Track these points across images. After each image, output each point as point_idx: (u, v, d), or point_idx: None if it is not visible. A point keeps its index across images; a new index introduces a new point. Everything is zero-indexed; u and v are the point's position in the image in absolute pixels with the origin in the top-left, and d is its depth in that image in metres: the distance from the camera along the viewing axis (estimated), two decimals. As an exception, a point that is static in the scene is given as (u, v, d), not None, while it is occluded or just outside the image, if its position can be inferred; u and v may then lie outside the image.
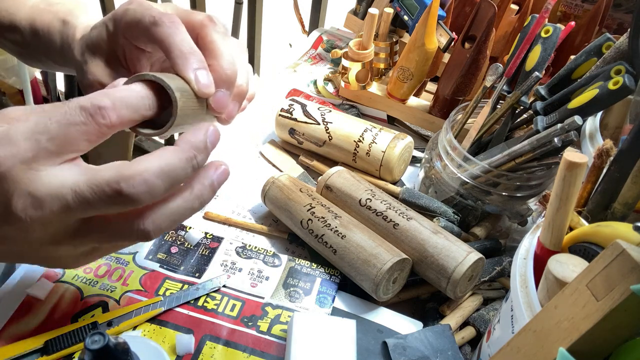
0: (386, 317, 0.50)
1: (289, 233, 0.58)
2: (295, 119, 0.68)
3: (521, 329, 0.32)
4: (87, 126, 0.29)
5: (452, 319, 0.50)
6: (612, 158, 0.39)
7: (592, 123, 0.50)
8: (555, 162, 0.53)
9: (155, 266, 0.52)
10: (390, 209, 0.54)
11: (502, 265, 0.54)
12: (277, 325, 0.48)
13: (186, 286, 0.50)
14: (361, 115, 0.78)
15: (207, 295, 0.50)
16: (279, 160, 0.70)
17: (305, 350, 0.43)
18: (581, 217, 0.38)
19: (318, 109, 0.68)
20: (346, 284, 0.53)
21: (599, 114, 0.52)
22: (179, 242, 0.54)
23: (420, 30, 0.67)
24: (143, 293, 0.49)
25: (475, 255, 0.49)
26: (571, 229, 0.38)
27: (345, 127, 0.65)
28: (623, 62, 0.47)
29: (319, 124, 0.66)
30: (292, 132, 0.68)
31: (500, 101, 0.58)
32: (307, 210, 0.54)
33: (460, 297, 0.51)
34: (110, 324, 0.45)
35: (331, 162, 0.68)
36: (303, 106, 0.69)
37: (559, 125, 0.48)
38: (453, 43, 0.69)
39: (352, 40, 0.74)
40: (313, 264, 0.54)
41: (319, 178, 0.60)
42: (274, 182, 0.58)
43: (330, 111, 0.68)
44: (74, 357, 0.43)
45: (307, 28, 1.21)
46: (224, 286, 0.51)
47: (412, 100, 0.76)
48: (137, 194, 0.29)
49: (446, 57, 0.75)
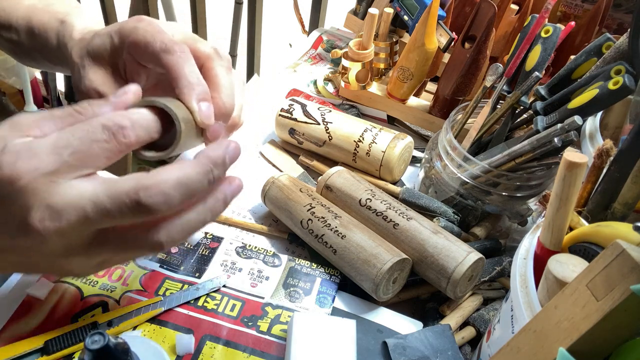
0: (386, 317, 0.50)
1: (289, 233, 0.58)
2: (295, 119, 0.68)
3: (521, 329, 0.32)
4: (109, 144, 0.31)
5: (452, 319, 0.50)
6: (612, 158, 0.39)
7: (592, 123, 0.50)
8: (555, 162, 0.53)
9: (155, 266, 0.52)
10: (390, 209, 0.54)
11: (502, 265, 0.54)
12: (277, 325, 0.48)
13: (186, 286, 0.50)
14: (361, 115, 0.78)
15: (207, 295, 0.50)
16: (279, 160, 0.70)
17: (305, 350, 0.43)
18: (581, 217, 0.38)
19: (318, 109, 0.68)
20: (346, 284, 0.53)
21: (599, 114, 0.52)
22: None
23: (420, 30, 0.67)
24: (143, 293, 0.49)
25: (475, 255, 0.49)
26: (571, 229, 0.38)
27: (345, 127, 0.65)
28: (623, 62, 0.47)
29: (319, 124, 0.66)
30: (292, 132, 0.68)
31: (500, 101, 0.58)
32: (307, 210, 0.54)
33: (460, 297, 0.51)
34: (110, 324, 0.45)
35: (331, 162, 0.68)
36: (303, 106, 0.69)
37: (559, 125, 0.48)
38: (453, 43, 0.69)
39: (352, 40, 0.74)
40: (313, 264, 0.54)
41: (319, 178, 0.60)
42: (274, 182, 0.58)
43: (330, 111, 0.68)
44: (74, 357, 0.43)
45: (307, 28, 1.21)
46: (224, 286, 0.51)
47: (412, 100, 0.76)
48: (155, 204, 0.30)
49: (446, 57, 0.75)
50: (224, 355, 0.45)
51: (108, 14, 1.33)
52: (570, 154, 0.34)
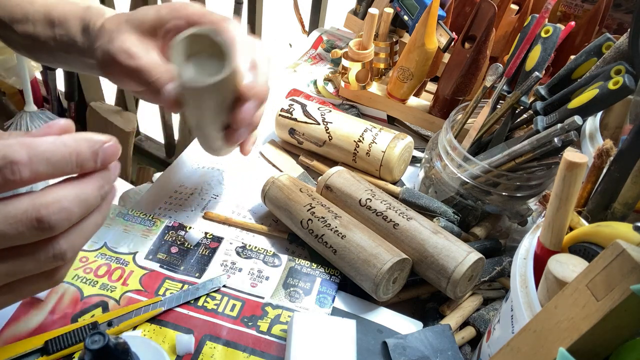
0: (386, 317, 0.50)
1: (289, 233, 0.58)
2: (295, 119, 0.68)
3: (521, 329, 0.32)
4: None
5: (452, 319, 0.50)
6: (612, 158, 0.39)
7: (592, 123, 0.50)
8: (555, 162, 0.53)
9: (155, 266, 0.52)
10: (390, 209, 0.54)
11: (502, 265, 0.54)
12: (277, 325, 0.48)
13: (186, 286, 0.50)
14: (361, 115, 0.78)
15: (207, 295, 0.50)
16: (279, 160, 0.70)
17: (305, 350, 0.43)
18: (581, 217, 0.38)
19: (318, 109, 0.68)
20: (346, 284, 0.53)
21: (599, 114, 0.52)
22: (179, 242, 0.54)
23: (420, 30, 0.67)
24: (143, 293, 0.49)
25: (475, 255, 0.49)
26: (571, 229, 0.38)
27: (345, 127, 0.65)
28: (623, 62, 0.47)
29: (319, 124, 0.66)
30: (292, 132, 0.68)
31: (500, 101, 0.58)
32: (307, 210, 0.54)
33: (460, 297, 0.51)
34: (110, 324, 0.45)
35: (331, 162, 0.68)
36: (303, 106, 0.69)
37: (559, 125, 0.48)
38: (453, 43, 0.69)
39: (352, 40, 0.74)
40: (313, 264, 0.54)
41: (319, 178, 0.60)
42: (274, 182, 0.58)
43: (330, 111, 0.68)
44: (74, 357, 0.43)
45: (307, 28, 1.21)
46: (224, 286, 0.51)
47: (412, 100, 0.75)
48: (58, 221, 0.29)
49: (446, 57, 0.75)
50: (224, 355, 0.45)
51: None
52: (570, 154, 0.34)
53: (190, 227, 0.56)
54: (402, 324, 0.49)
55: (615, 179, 0.39)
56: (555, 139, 0.48)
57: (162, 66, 0.43)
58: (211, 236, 0.55)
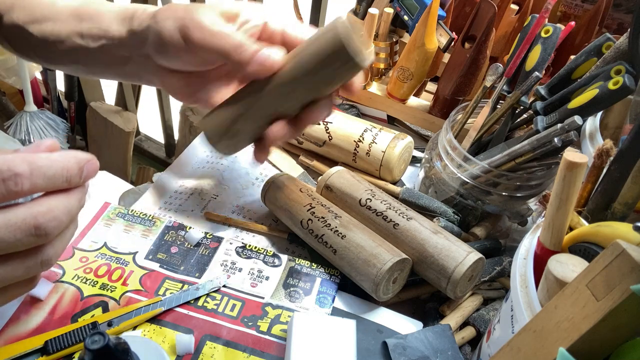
0: (386, 317, 0.50)
1: (289, 233, 0.58)
2: (295, 119, 0.68)
3: (521, 329, 0.32)
4: None
5: (452, 319, 0.50)
6: (612, 158, 0.39)
7: (592, 123, 0.50)
8: (555, 162, 0.53)
9: (155, 266, 0.52)
10: (390, 209, 0.54)
11: (502, 265, 0.54)
12: (277, 325, 0.48)
13: (186, 286, 0.50)
14: (361, 115, 0.78)
15: (207, 295, 0.50)
16: (279, 160, 0.70)
17: (305, 350, 0.43)
18: (581, 217, 0.38)
19: (318, 109, 0.68)
20: (346, 284, 0.53)
21: (599, 114, 0.52)
22: (179, 242, 0.54)
23: (420, 30, 0.67)
24: (143, 293, 0.49)
25: (475, 255, 0.49)
26: (571, 229, 0.38)
27: (345, 127, 0.65)
28: (623, 62, 0.47)
29: (318, 123, 0.66)
30: (292, 132, 0.68)
31: (500, 101, 0.58)
32: (307, 210, 0.54)
33: (460, 297, 0.51)
34: (110, 324, 0.45)
35: (331, 162, 0.68)
36: (303, 106, 0.68)
37: (559, 125, 0.48)
38: (453, 43, 0.69)
39: (352, 40, 0.74)
40: (313, 264, 0.54)
41: (319, 178, 0.60)
42: (274, 182, 0.58)
43: (330, 111, 0.68)
44: (74, 357, 0.43)
45: (307, 28, 1.21)
46: (224, 286, 0.51)
47: (412, 100, 0.76)
48: (52, 229, 0.31)
49: (446, 57, 0.75)
50: (224, 355, 0.45)
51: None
52: (570, 154, 0.34)
53: (190, 227, 0.56)
54: (402, 324, 0.49)
55: (615, 179, 0.39)
56: (555, 139, 0.48)
57: (245, 37, 0.44)
58: (211, 236, 0.55)
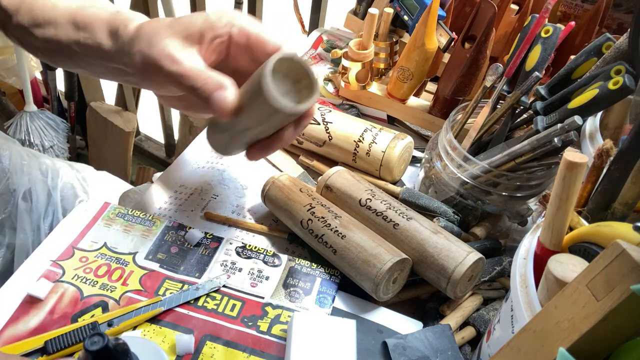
0: (386, 317, 0.50)
1: (289, 233, 0.58)
2: (295, 119, 0.68)
3: (521, 329, 0.32)
4: None
5: (452, 319, 0.50)
6: (612, 158, 0.39)
7: (592, 123, 0.50)
8: (555, 162, 0.53)
9: (155, 266, 0.52)
10: (390, 209, 0.54)
11: (502, 265, 0.54)
12: (277, 325, 0.48)
13: (186, 286, 0.50)
14: (361, 115, 0.78)
15: (207, 295, 0.50)
16: (279, 160, 0.70)
17: (305, 350, 0.43)
18: (581, 217, 0.38)
19: (318, 109, 0.68)
20: (346, 284, 0.53)
21: (599, 114, 0.52)
22: (179, 242, 0.54)
23: (420, 30, 0.67)
24: (143, 293, 0.49)
25: (475, 255, 0.49)
26: (571, 229, 0.38)
27: (345, 127, 0.65)
28: (623, 62, 0.47)
29: (319, 124, 0.66)
30: (292, 132, 0.68)
31: (500, 101, 0.58)
32: (307, 210, 0.54)
33: (460, 297, 0.51)
34: (110, 324, 0.45)
35: (331, 162, 0.68)
36: (303, 106, 0.68)
37: (559, 125, 0.48)
38: (453, 43, 0.69)
39: (352, 40, 0.74)
40: (313, 264, 0.54)
41: (319, 178, 0.60)
42: (274, 182, 0.58)
43: (330, 111, 0.68)
44: (74, 357, 0.43)
45: (307, 28, 1.21)
46: (224, 286, 0.51)
47: (412, 100, 0.75)
48: None
49: (446, 57, 0.75)
50: (224, 355, 0.45)
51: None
52: (570, 154, 0.34)
53: (190, 227, 0.56)
54: (402, 324, 0.49)
55: (615, 179, 0.39)
56: (555, 139, 0.48)
57: (207, 72, 0.43)
58: (211, 236, 0.55)
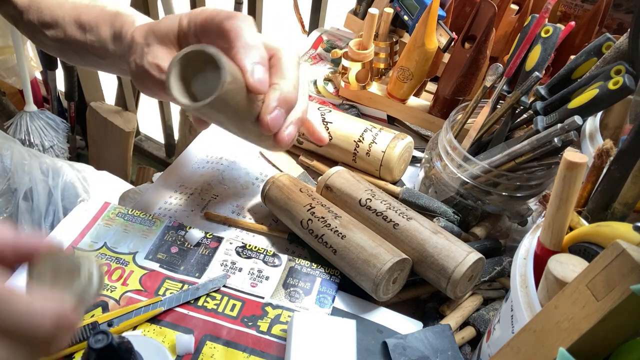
0: (386, 317, 0.50)
1: (289, 233, 0.58)
2: (295, 119, 0.68)
3: (521, 329, 0.32)
4: None
5: (452, 319, 0.50)
6: (612, 158, 0.39)
7: (592, 123, 0.50)
8: (555, 162, 0.53)
9: (155, 266, 0.52)
10: (390, 209, 0.54)
11: (502, 265, 0.54)
12: (277, 325, 0.48)
13: (186, 286, 0.50)
14: (361, 115, 0.78)
15: (207, 295, 0.50)
16: (279, 160, 0.70)
17: (305, 350, 0.43)
18: (581, 217, 0.38)
19: (318, 109, 0.68)
20: (346, 284, 0.53)
21: (599, 114, 0.52)
22: (179, 242, 0.54)
23: (420, 30, 0.67)
24: (143, 293, 0.49)
25: (475, 255, 0.49)
26: (571, 229, 0.38)
27: (345, 127, 0.65)
28: (623, 62, 0.47)
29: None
30: (292, 132, 0.68)
31: (500, 101, 0.58)
32: (307, 210, 0.54)
33: (460, 297, 0.51)
34: (110, 324, 0.45)
35: (331, 162, 0.68)
36: (303, 106, 0.69)
37: (559, 125, 0.48)
38: (453, 43, 0.69)
39: (352, 40, 0.74)
40: (313, 264, 0.54)
41: (319, 178, 0.60)
42: (274, 182, 0.58)
43: (330, 111, 0.68)
44: (74, 357, 0.43)
45: (307, 28, 1.21)
46: (224, 286, 0.51)
47: (412, 100, 0.75)
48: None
49: (446, 57, 0.75)
50: (224, 355, 0.45)
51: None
52: (570, 154, 0.34)
53: (190, 227, 0.56)
54: (402, 324, 0.49)
55: (615, 179, 0.39)
56: (555, 139, 0.48)
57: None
58: (211, 236, 0.55)
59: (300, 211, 0.55)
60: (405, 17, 0.74)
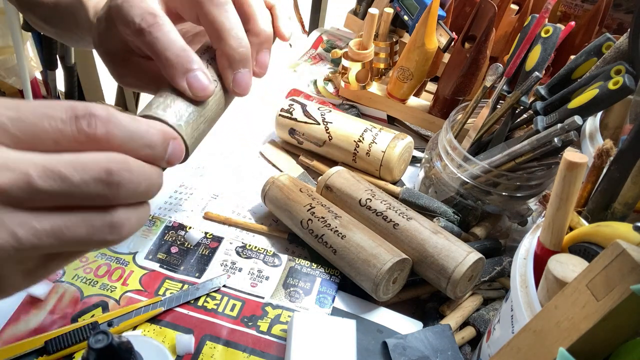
0: (386, 317, 0.50)
1: (289, 233, 0.58)
2: (295, 119, 0.68)
3: (521, 329, 0.32)
4: (65, 125, 0.25)
5: (452, 319, 0.50)
6: (612, 158, 0.39)
7: (592, 123, 0.50)
8: (555, 162, 0.53)
9: (155, 266, 0.52)
10: (390, 209, 0.54)
11: (502, 265, 0.54)
12: (277, 325, 0.48)
13: (186, 286, 0.50)
14: (361, 115, 0.78)
15: (207, 295, 0.50)
16: (279, 160, 0.70)
17: (305, 350, 0.43)
18: (581, 217, 0.38)
19: (318, 109, 0.68)
20: (346, 284, 0.53)
21: (599, 114, 0.52)
22: (179, 242, 0.54)
23: (420, 30, 0.67)
24: (143, 293, 0.49)
25: (475, 255, 0.49)
26: (571, 229, 0.38)
27: (345, 127, 0.65)
28: (623, 62, 0.47)
29: (319, 124, 0.66)
30: (292, 132, 0.68)
31: (500, 101, 0.58)
32: (307, 210, 0.54)
33: (460, 297, 0.51)
34: (110, 324, 0.45)
35: (331, 162, 0.68)
36: (303, 106, 0.69)
37: (559, 125, 0.48)
38: (453, 43, 0.69)
39: (352, 40, 0.74)
40: (313, 264, 0.54)
41: (319, 178, 0.60)
42: (274, 182, 0.58)
43: (330, 111, 0.68)
44: (74, 357, 0.43)
45: (307, 28, 1.21)
46: (224, 286, 0.51)
47: (412, 100, 0.76)
48: (126, 180, 0.25)
49: (446, 57, 0.75)
50: (224, 355, 0.45)
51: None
52: (570, 154, 0.34)
53: (190, 227, 0.56)
54: (402, 324, 0.49)
55: (615, 179, 0.39)
56: (555, 139, 0.48)
57: (185, 46, 0.35)
58: (211, 236, 0.55)
59: (300, 211, 0.55)
60: (405, 17, 0.74)
